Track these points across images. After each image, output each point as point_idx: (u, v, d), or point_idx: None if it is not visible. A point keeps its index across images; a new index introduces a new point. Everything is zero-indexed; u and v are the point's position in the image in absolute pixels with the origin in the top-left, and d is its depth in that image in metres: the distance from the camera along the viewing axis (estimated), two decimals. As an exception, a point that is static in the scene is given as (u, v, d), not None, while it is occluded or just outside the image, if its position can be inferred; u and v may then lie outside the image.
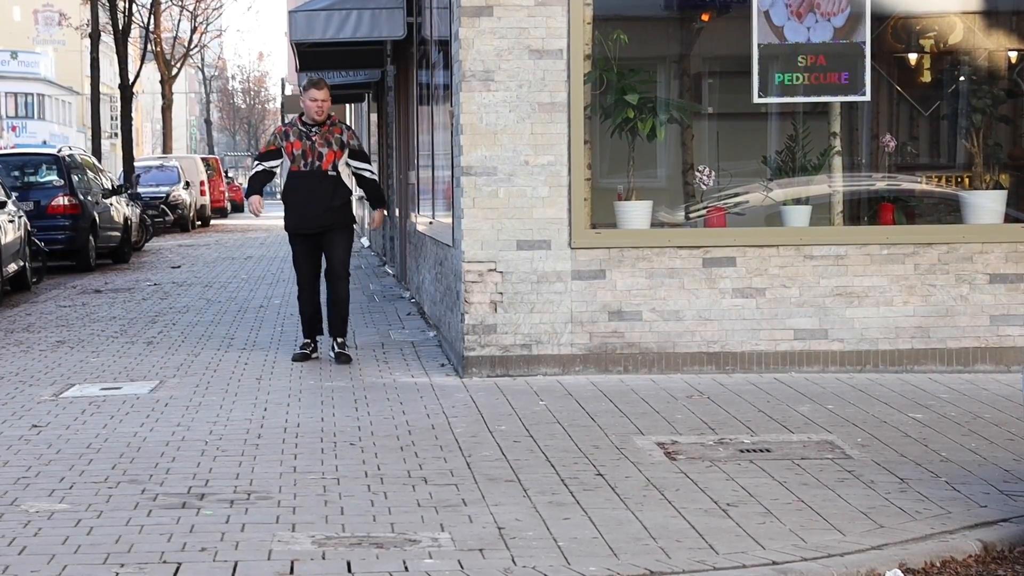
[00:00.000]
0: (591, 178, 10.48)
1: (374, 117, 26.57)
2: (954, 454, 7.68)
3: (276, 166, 11.09)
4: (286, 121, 12.00)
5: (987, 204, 10.69)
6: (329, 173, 11.03)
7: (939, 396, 9.47)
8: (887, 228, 10.64)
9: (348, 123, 12.10)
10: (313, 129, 11.06)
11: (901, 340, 10.44)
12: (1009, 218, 10.68)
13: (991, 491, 6.86)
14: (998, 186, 10.83)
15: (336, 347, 11.23)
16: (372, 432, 8.40)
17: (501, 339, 10.38)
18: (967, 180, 10.96)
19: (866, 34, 10.51)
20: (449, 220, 11.38)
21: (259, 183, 11.21)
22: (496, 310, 10.36)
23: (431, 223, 13.46)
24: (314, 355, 11.35)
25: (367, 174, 11.21)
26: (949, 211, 10.88)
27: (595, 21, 10.47)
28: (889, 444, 7.94)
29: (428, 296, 13.90)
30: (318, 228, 11.12)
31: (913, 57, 11.11)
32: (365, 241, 29.42)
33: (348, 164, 11.13)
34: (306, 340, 11.41)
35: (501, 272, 10.35)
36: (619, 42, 10.52)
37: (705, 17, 11.06)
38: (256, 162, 11.22)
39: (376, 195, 11.47)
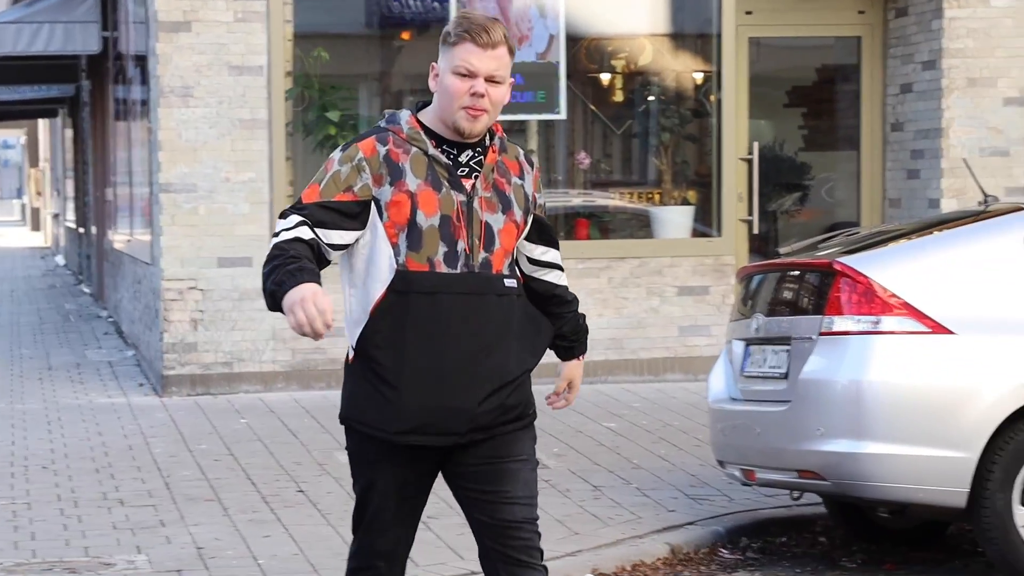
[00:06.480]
0: (293, 195, 10.46)
1: (69, 133, 25.88)
2: (645, 461, 7.96)
3: (340, 247, 4.26)
4: (381, 124, 4.14)
5: (676, 219, 11.12)
6: (506, 283, 4.19)
7: (632, 405, 9.79)
8: (582, 243, 10.95)
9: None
10: (465, 156, 4.12)
11: (596, 352, 10.73)
12: (696, 232, 11.13)
13: (679, 496, 7.15)
14: (686, 202, 11.27)
15: None
16: (66, 455, 8.19)
17: (202, 357, 10.25)
18: (657, 196, 11.37)
19: (561, 54, 10.80)
20: (148, 238, 11.18)
21: (309, 264, 4.18)
22: (196, 328, 10.24)
23: (129, 241, 13.20)
24: None
25: (553, 276, 4.38)
26: (641, 226, 11.27)
27: (296, 38, 10.47)
28: (584, 453, 8.18)
29: (126, 315, 13.61)
30: (471, 431, 4.28)
31: (606, 77, 11.47)
32: (60, 259, 28.58)
33: (522, 252, 4.33)
34: None
35: (202, 290, 10.24)
36: (320, 59, 10.54)
37: (405, 35, 11.18)
38: (291, 218, 4.13)
39: (575, 323, 4.51)
